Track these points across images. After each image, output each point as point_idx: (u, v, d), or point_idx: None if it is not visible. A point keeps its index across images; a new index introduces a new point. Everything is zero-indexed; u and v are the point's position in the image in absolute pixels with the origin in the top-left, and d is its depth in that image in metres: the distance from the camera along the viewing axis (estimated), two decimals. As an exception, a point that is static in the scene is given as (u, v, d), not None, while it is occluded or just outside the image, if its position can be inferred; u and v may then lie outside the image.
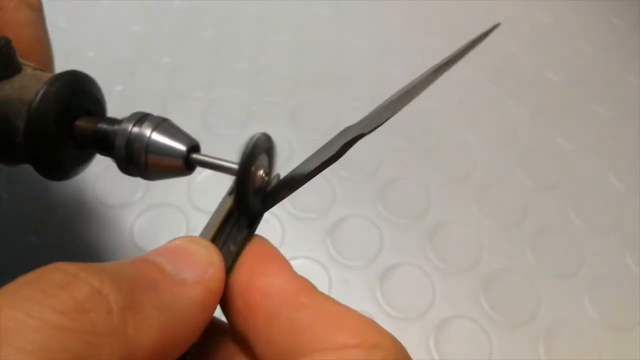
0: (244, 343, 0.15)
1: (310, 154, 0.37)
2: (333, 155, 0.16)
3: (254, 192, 0.16)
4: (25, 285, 0.12)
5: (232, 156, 0.15)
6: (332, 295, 0.30)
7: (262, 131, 0.17)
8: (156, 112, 0.18)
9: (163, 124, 0.17)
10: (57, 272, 0.12)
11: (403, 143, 0.36)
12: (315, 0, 0.41)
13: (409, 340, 0.28)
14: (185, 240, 0.15)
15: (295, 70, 0.40)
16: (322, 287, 0.29)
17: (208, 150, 0.18)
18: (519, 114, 0.38)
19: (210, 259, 0.15)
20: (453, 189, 0.34)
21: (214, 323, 0.15)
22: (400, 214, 0.33)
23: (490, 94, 0.40)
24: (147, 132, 0.17)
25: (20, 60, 0.19)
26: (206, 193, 0.33)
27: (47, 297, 0.11)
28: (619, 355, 0.28)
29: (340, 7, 0.44)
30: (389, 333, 0.14)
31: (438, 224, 0.32)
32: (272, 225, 0.32)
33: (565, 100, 0.40)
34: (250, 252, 0.16)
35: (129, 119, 0.17)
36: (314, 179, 0.17)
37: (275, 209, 0.32)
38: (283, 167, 0.35)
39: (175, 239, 0.15)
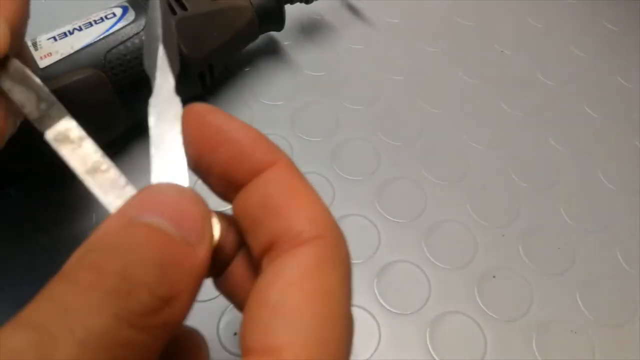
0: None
1: (309, 154, 0.38)
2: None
3: None
4: (84, 292, 0.11)
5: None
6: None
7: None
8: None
9: None
10: (115, 277, 0.12)
11: (400, 145, 0.37)
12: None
13: (405, 335, 0.29)
14: (174, 190, 0.14)
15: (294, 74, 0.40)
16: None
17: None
18: (512, 116, 0.39)
19: (204, 211, 0.14)
20: (448, 189, 0.35)
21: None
22: (397, 213, 0.33)
23: (484, 97, 0.40)
24: None
25: None
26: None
27: (124, 302, 0.11)
28: (611, 352, 0.29)
29: (338, 9, 0.45)
30: (338, 228, 0.15)
31: (434, 223, 0.33)
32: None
33: (557, 102, 0.40)
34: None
35: None
36: (314, 180, 0.18)
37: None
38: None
39: (156, 186, 0.14)
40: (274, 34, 0.42)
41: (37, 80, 0.18)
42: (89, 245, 0.13)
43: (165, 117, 0.16)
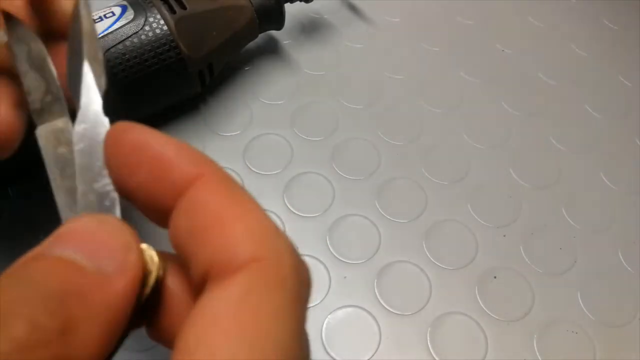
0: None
1: (309, 154, 0.38)
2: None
3: None
4: None
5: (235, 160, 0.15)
6: (332, 291, 0.31)
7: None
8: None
9: None
10: None
11: (401, 144, 0.37)
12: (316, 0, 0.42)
13: (406, 336, 0.29)
14: (93, 221, 0.13)
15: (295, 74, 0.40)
16: (322, 283, 0.30)
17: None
18: (513, 116, 0.39)
19: (126, 240, 0.13)
20: (449, 189, 0.35)
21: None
22: (397, 213, 0.33)
23: (485, 96, 0.40)
24: None
25: None
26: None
27: None
28: (612, 352, 0.29)
29: (338, 8, 0.45)
30: (281, 241, 0.13)
31: (434, 223, 0.33)
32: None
33: (558, 101, 0.40)
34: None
35: None
36: (314, 180, 0.17)
37: (276, 208, 0.33)
38: (285, 169, 0.36)
39: (77, 218, 0.13)
40: (273, 33, 0.42)
41: (54, 71, 0.17)
42: None
43: (92, 142, 0.15)
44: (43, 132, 0.16)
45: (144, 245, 0.14)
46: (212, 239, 0.12)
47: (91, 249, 0.12)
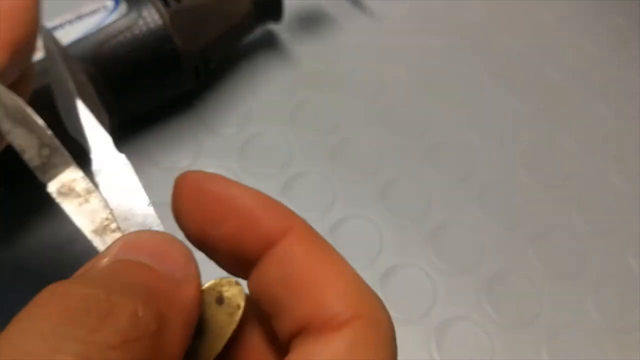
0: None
1: (309, 152, 0.37)
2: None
3: None
4: (49, 322, 0.10)
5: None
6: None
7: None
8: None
9: None
10: (87, 300, 0.11)
11: (404, 142, 0.36)
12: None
13: (410, 341, 0.28)
14: (152, 233, 0.14)
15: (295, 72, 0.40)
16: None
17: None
18: (521, 114, 0.38)
19: (186, 252, 0.14)
20: (455, 189, 0.34)
21: None
22: (401, 215, 0.32)
23: (492, 94, 0.39)
24: None
25: None
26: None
27: (92, 333, 0.10)
28: (622, 357, 0.29)
29: (339, 1, 0.44)
30: (376, 300, 0.13)
31: (439, 224, 0.32)
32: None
33: (567, 99, 0.40)
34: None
35: None
36: (313, 179, 0.17)
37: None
38: (283, 168, 0.35)
39: (136, 233, 0.14)
40: (272, 26, 0.41)
41: (39, 121, 0.16)
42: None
43: (119, 183, 0.15)
44: (55, 188, 0.15)
45: (231, 279, 0.14)
46: (311, 295, 0.13)
47: (160, 256, 0.13)
